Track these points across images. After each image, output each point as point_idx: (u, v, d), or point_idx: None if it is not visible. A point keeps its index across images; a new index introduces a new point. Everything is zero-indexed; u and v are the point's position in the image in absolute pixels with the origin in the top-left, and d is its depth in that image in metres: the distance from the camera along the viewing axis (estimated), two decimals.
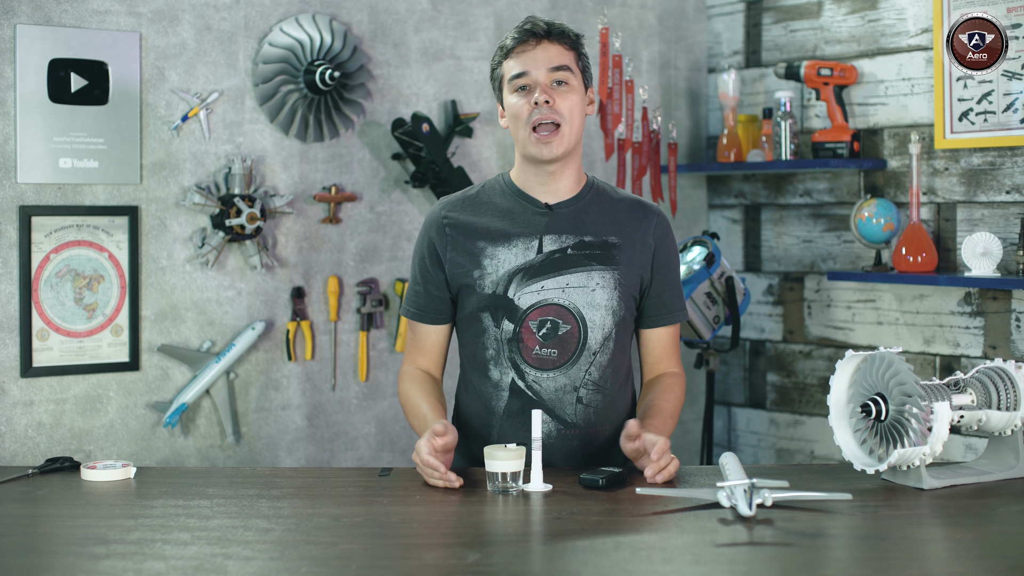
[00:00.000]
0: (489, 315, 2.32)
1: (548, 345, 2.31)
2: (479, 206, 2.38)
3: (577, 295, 2.31)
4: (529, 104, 2.30)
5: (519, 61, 2.32)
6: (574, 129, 2.32)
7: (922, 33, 3.44)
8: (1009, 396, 2.20)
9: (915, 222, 3.34)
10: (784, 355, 3.84)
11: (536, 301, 2.30)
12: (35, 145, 2.93)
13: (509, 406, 2.33)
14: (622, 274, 2.33)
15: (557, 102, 2.29)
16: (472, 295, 2.33)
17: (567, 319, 2.31)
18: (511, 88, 2.33)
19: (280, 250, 3.27)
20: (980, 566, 1.74)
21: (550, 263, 2.31)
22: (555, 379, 2.32)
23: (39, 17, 2.93)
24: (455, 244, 2.35)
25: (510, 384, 2.33)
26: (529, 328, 2.31)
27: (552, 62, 2.31)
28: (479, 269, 2.32)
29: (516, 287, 2.31)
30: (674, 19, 3.97)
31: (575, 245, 2.33)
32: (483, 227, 2.35)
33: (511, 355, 2.32)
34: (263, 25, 3.22)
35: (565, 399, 2.33)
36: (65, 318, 2.99)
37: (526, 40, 2.32)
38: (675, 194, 3.75)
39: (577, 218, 2.36)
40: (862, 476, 2.18)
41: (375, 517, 1.97)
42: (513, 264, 2.31)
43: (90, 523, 1.96)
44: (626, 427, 2.20)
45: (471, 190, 2.44)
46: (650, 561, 1.74)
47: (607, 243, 2.34)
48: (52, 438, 2.98)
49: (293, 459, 3.30)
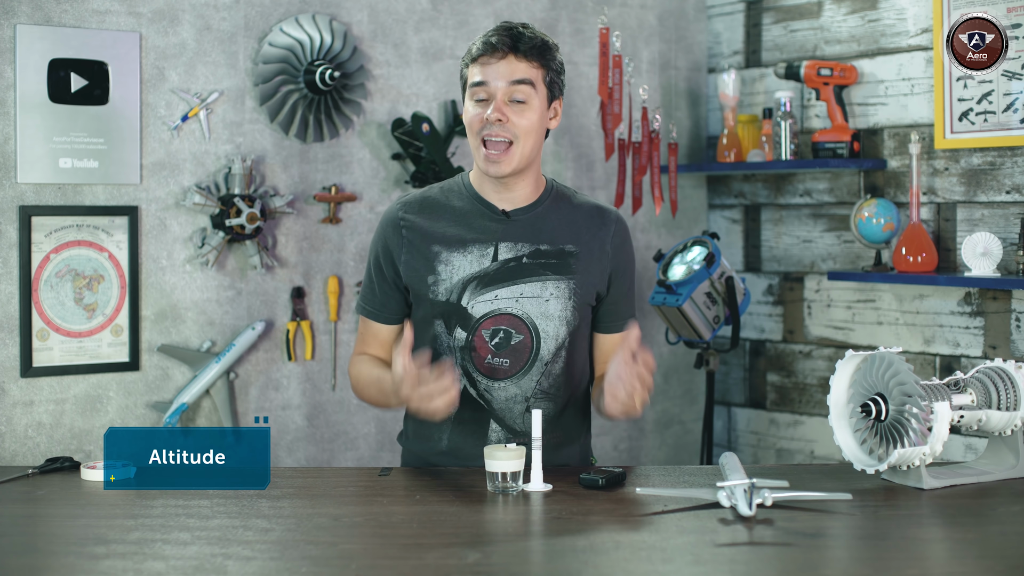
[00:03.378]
0: (442, 322, 2.29)
1: (500, 355, 2.28)
2: (437, 208, 2.33)
3: (531, 305, 2.28)
4: (482, 118, 2.25)
5: (480, 70, 2.25)
6: (527, 147, 2.26)
7: (922, 33, 3.44)
8: (1009, 396, 2.20)
9: (915, 222, 3.34)
10: (784, 355, 3.84)
11: (490, 310, 2.27)
12: (35, 145, 2.93)
13: (459, 414, 2.27)
14: (578, 283, 2.30)
15: (511, 119, 2.23)
16: (425, 301, 2.30)
17: (520, 329, 2.28)
18: (471, 94, 2.28)
19: (280, 250, 3.27)
20: (980, 566, 1.74)
21: (505, 271, 2.28)
22: (506, 388, 2.30)
23: (39, 17, 2.93)
24: (410, 246, 2.31)
25: (461, 392, 2.28)
26: (482, 337, 2.28)
27: (513, 76, 2.23)
28: (433, 275, 2.29)
29: (470, 295, 2.27)
30: (674, 19, 3.97)
31: (531, 254, 2.29)
32: (439, 231, 2.31)
33: (463, 363, 2.29)
34: (263, 25, 3.22)
35: (515, 408, 2.30)
36: (65, 318, 2.99)
37: (491, 52, 2.24)
38: (675, 194, 3.75)
39: (534, 225, 2.31)
40: (862, 476, 2.18)
41: (375, 517, 1.97)
42: (467, 271, 2.28)
43: (90, 523, 1.96)
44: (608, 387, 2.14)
45: (430, 190, 2.38)
46: (650, 561, 1.74)
47: (563, 251, 2.31)
48: (52, 438, 2.98)
49: (293, 459, 3.30)
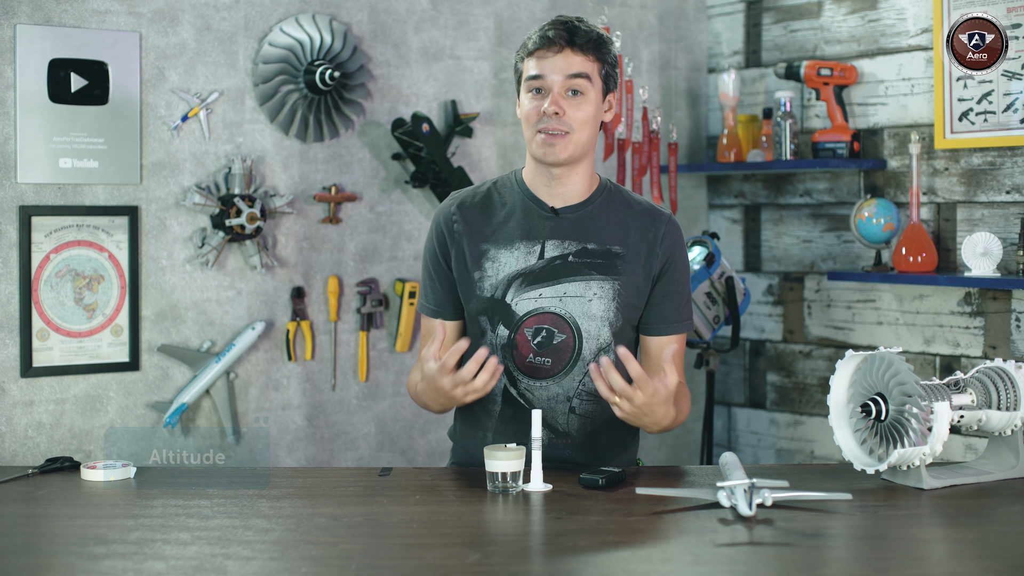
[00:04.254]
0: (486, 319, 2.30)
1: (542, 354, 2.28)
2: (488, 204, 2.36)
3: (574, 304, 2.27)
4: (538, 111, 2.27)
5: (537, 64, 2.27)
6: (583, 138, 2.28)
7: (922, 33, 3.44)
8: (1009, 396, 2.20)
9: (915, 222, 3.34)
10: (784, 355, 3.84)
11: (533, 308, 2.28)
12: (35, 145, 2.93)
13: (503, 412, 2.31)
14: (622, 284, 2.29)
15: (568, 112, 2.26)
16: (472, 297, 2.32)
17: (563, 328, 2.28)
18: (527, 87, 2.30)
19: (280, 250, 3.27)
20: (980, 566, 1.74)
21: (550, 270, 2.29)
22: (548, 388, 2.30)
23: (39, 17, 2.93)
24: (461, 242, 2.33)
25: (503, 390, 2.31)
26: (524, 335, 2.28)
27: (570, 70, 2.26)
28: (479, 271, 2.31)
29: (514, 292, 2.28)
30: (674, 19, 3.97)
31: (577, 252, 2.30)
32: (489, 228, 2.33)
33: (504, 361, 2.29)
34: (263, 25, 3.22)
35: (557, 408, 2.30)
36: (65, 318, 2.99)
37: (548, 46, 2.26)
38: (675, 194, 3.75)
39: (583, 224, 2.32)
40: (862, 476, 2.18)
41: (375, 517, 1.97)
42: (513, 268, 2.29)
43: (90, 523, 1.96)
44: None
45: (483, 186, 2.41)
46: (650, 561, 1.74)
47: (610, 252, 2.30)
48: (52, 438, 2.98)
49: (293, 459, 3.30)
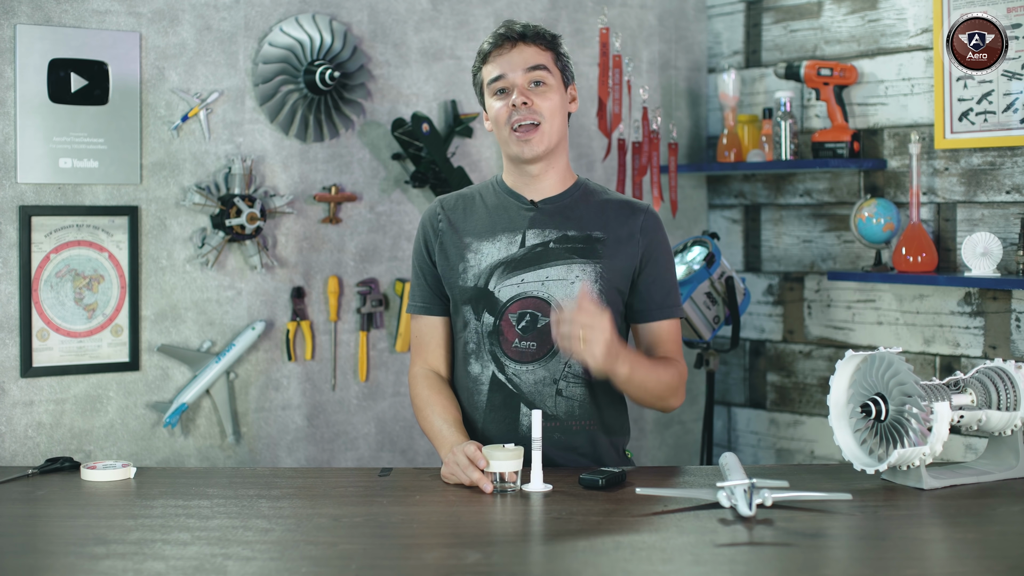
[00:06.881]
0: (471, 308, 2.37)
1: (527, 338, 2.33)
2: (471, 204, 2.45)
3: (556, 287, 2.33)
4: (508, 106, 2.34)
5: (496, 65, 2.36)
6: (555, 127, 2.35)
7: (922, 33, 3.44)
8: (1009, 396, 2.20)
9: (915, 222, 3.34)
10: (784, 355, 3.84)
11: (516, 294, 2.34)
12: (35, 145, 2.93)
13: (491, 399, 2.35)
14: (604, 267, 2.34)
15: (536, 102, 2.33)
16: (456, 288, 2.39)
17: (546, 312, 2.32)
18: (491, 92, 2.38)
19: (280, 250, 3.27)
20: (980, 566, 1.74)
21: (531, 256, 2.35)
22: (534, 371, 2.34)
23: (39, 17, 2.93)
24: (445, 238, 2.41)
25: (491, 377, 2.35)
26: (509, 321, 2.34)
27: (528, 63, 2.35)
28: (463, 263, 2.38)
29: (497, 280, 2.35)
30: (674, 19, 3.97)
31: (557, 239, 2.36)
32: (471, 223, 2.41)
33: (491, 348, 2.35)
34: (263, 25, 3.22)
35: (544, 391, 2.34)
36: (65, 318, 2.99)
37: (501, 44, 2.36)
38: (675, 194, 3.75)
39: (562, 213, 2.39)
40: (862, 476, 2.18)
41: (375, 517, 1.97)
42: (495, 258, 2.36)
43: (90, 523, 1.96)
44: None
45: (466, 190, 2.51)
46: (650, 561, 1.74)
47: (591, 237, 2.36)
48: (52, 438, 2.98)
49: (293, 459, 3.30)
